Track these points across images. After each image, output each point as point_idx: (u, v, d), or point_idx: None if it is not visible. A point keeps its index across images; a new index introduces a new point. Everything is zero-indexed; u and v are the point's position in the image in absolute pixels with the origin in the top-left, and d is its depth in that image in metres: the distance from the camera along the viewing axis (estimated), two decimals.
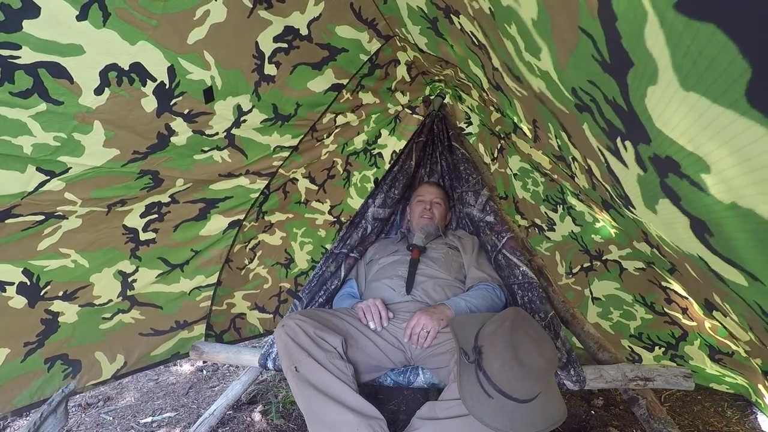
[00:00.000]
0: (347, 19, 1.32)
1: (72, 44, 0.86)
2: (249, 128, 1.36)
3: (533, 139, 1.30)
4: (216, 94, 1.16)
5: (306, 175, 1.86)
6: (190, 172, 1.32)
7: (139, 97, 1.03)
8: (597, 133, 0.62)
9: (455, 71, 1.57)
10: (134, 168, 1.17)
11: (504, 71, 1.01)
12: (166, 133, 1.15)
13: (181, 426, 1.71)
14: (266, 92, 1.29)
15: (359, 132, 1.92)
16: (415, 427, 1.03)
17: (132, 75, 0.98)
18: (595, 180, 0.86)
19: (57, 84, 0.89)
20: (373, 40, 1.46)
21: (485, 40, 0.97)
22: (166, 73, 1.03)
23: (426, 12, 1.25)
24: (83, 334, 1.39)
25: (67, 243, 1.22)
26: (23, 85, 0.86)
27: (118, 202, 1.24)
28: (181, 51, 1.02)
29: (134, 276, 1.44)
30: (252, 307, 1.97)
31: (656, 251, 1.04)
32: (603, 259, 1.95)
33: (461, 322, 1.14)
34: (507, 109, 1.38)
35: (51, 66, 0.87)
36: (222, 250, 1.68)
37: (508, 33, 0.71)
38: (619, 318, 1.97)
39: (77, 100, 0.94)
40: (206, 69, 1.09)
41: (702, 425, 1.67)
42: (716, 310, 1.05)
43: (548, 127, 1.01)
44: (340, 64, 1.44)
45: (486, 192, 1.74)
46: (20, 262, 1.16)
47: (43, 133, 0.95)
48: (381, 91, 1.75)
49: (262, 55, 1.20)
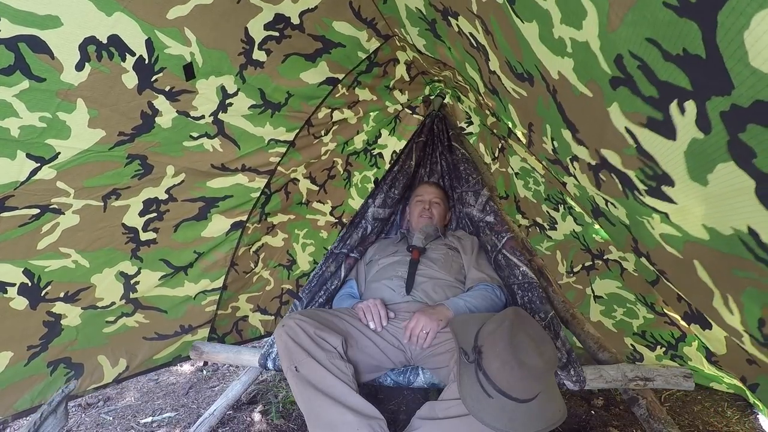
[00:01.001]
0: (345, 15, 1.32)
1: (49, 15, 0.86)
2: (237, 115, 1.36)
3: (527, 144, 1.30)
4: (197, 71, 1.16)
5: (307, 175, 1.86)
6: (180, 159, 1.32)
7: (119, 73, 1.02)
8: (634, 109, 0.60)
9: (453, 73, 1.57)
10: (122, 152, 1.16)
11: (503, 72, 1.00)
12: (150, 112, 1.15)
13: (181, 426, 1.71)
14: (252, 76, 1.29)
15: (359, 131, 1.92)
16: (415, 427, 1.03)
17: (111, 49, 0.97)
18: (603, 176, 0.85)
19: (38, 60, 0.89)
20: (372, 39, 1.46)
21: (486, 39, 0.97)
22: (144, 46, 1.02)
23: (425, 14, 1.25)
24: (87, 337, 1.39)
25: (66, 242, 1.22)
26: (5, 61, 0.85)
27: (112, 193, 1.23)
28: (158, 24, 1.01)
29: (136, 278, 1.43)
30: (254, 309, 1.97)
31: (645, 260, 1.02)
32: (604, 258, 1.95)
33: (461, 322, 1.14)
34: (502, 114, 1.38)
35: (30, 40, 0.86)
36: (227, 254, 1.67)
37: (536, 11, 0.68)
38: (622, 316, 1.97)
39: (59, 76, 0.94)
40: (186, 45, 1.09)
41: (702, 425, 1.67)
42: (695, 323, 1.05)
43: (545, 129, 1.00)
44: (335, 58, 1.44)
45: (486, 192, 1.74)
46: (20, 261, 1.15)
47: (29, 113, 0.94)
48: (378, 89, 1.75)
49: (251, 40, 1.21)
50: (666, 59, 0.48)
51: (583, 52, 0.63)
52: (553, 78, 0.78)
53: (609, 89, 0.62)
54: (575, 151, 0.90)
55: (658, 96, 0.53)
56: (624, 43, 0.53)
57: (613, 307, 2.00)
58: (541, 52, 0.76)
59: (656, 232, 0.80)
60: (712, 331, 0.99)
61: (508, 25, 0.80)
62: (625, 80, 0.57)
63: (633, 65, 0.54)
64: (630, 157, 0.69)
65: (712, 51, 0.42)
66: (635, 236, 0.95)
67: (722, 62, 0.42)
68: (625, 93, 0.59)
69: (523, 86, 0.97)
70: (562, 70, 0.73)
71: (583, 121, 0.78)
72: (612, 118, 0.66)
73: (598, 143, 0.76)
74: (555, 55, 0.72)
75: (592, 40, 0.59)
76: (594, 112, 0.70)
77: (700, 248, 0.68)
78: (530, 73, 0.87)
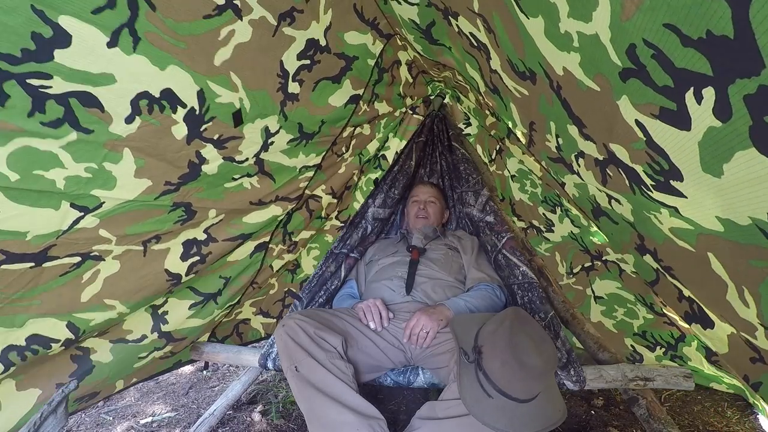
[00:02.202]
0: (352, 23, 1.30)
1: (104, 73, 0.84)
2: (276, 151, 1.33)
3: (527, 144, 1.29)
4: (244, 116, 1.13)
5: (328, 191, 1.82)
6: (221, 201, 1.29)
7: (169, 125, 1.00)
8: (645, 100, 0.59)
9: (453, 73, 1.57)
10: (167, 201, 1.13)
11: (504, 71, 1.00)
12: (197, 161, 1.12)
13: (181, 426, 1.71)
14: (292, 111, 1.26)
15: (372, 139, 1.91)
16: (415, 427, 1.03)
17: (163, 102, 0.95)
18: (611, 171, 0.85)
19: (88, 113, 0.86)
20: (377, 42, 1.46)
21: (487, 38, 0.97)
22: (195, 97, 1.00)
23: (418, 23, 1.24)
24: (117, 373, 1.34)
25: (111, 292, 1.17)
26: (54, 114, 0.83)
27: (153, 238, 1.19)
28: (209, 73, 0.99)
29: (164, 308, 1.38)
30: (257, 312, 1.95)
31: (650, 257, 1.02)
32: (603, 259, 1.95)
33: (461, 322, 1.14)
34: (502, 114, 1.38)
35: (82, 95, 0.84)
36: (251, 276, 1.62)
37: (542, 5, 0.67)
38: (623, 316, 1.97)
39: (107, 128, 0.91)
40: (234, 91, 1.06)
41: (702, 425, 1.67)
42: (696, 323, 1.05)
43: (548, 126, 1.00)
44: (355, 72, 1.42)
45: (486, 192, 1.74)
46: (65, 315, 1.11)
47: (74, 164, 0.91)
48: (393, 99, 1.74)
49: (286, 73, 1.17)
50: (685, 45, 0.47)
51: (592, 46, 0.63)
52: (557, 74, 0.78)
53: (618, 82, 0.62)
54: (582, 147, 0.89)
55: (673, 85, 0.53)
56: (638, 32, 0.52)
57: (613, 308, 2.00)
58: (546, 48, 0.76)
59: (665, 226, 0.79)
60: (714, 330, 0.99)
61: (512, 22, 0.80)
62: (637, 71, 0.57)
63: (647, 54, 0.53)
64: (638, 151, 0.69)
65: (743, 29, 0.41)
66: (641, 233, 0.95)
67: (754, 40, 0.41)
68: (636, 85, 0.59)
69: (524, 85, 0.96)
70: (568, 65, 0.72)
71: (591, 116, 0.77)
72: (622, 111, 0.65)
73: (607, 138, 0.76)
74: (560, 51, 0.72)
75: (603, 32, 0.58)
76: (602, 107, 0.70)
77: (715, 240, 0.68)
78: (533, 70, 0.87)
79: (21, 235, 0.92)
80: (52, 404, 1.22)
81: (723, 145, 0.52)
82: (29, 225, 0.92)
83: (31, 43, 0.73)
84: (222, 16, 0.94)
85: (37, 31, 0.73)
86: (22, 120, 0.80)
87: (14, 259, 0.94)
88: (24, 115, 0.79)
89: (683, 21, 0.46)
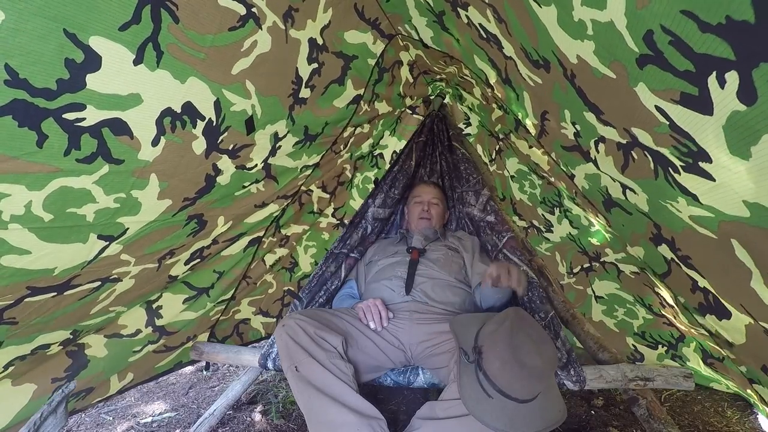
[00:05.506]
0: (353, 22, 1.30)
1: (132, 94, 0.82)
2: (283, 154, 1.34)
3: (538, 135, 1.28)
4: (256, 123, 1.13)
5: (320, 185, 1.84)
6: (229, 208, 1.29)
7: (190, 141, 0.98)
8: (664, 86, 0.59)
9: (459, 67, 1.56)
10: (183, 216, 1.13)
11: (519, 57, 0.99)
12: (213, 173, 1.11)
13: (181, 426, 1.71)
14: (299, 115, 1.27)
15: (369, 137, 1.93)
16: (415, 427, 1.03)
17: (184, 117, 0.93)
18: (635, 154, 0.83)
19: (118, 141, 0.84)
20: (378, 41, 1.46)
21: (498, 28, 0.96)
22: (213, 108, 0.99)
23: (432, 5, 1.24)
24: (112, 368, 1.35)
25: (118, 302, 1.19)
26: (88, 149, 0.80)
27: (168, 254, 1.21)
28: (225, 82, 0.98)
29: (158, 302, 1.39)
30: (256, 312, 1.95)
31: (666, 247, 1.00)
32: (601, 260, 1.95)
33: (461, 322, 1.14)
34: (513, 104, 1.37)
35: (113, 123, 0.82)
36: (243, 269, 1.65)
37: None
38: (623, 316, 1.97)
39: (137, 155, 0.89)
40: (247, 98, 1.06)
41: (702, 425, 1.67)
42: (710, 313, 1.04)
43: (563, 114, 0.98)
44: (355, 72, 1.42)
45: (486, 192, 1.74)
46: (71, 326, 1.12)
47: (105, 197, 0.89)
48: (393, 99, 1.74)
49: (300, 80, 1.18)
50: (704, 31, 0.47)
51: (606, 33, 0.62)
52: (571, 62, 0.77)
53: (635, 68, 0.61)
54: (602, 132, 0.88)
55: (694, 70, 0.52)
56: (655, 18, 0.52)
57: (614, 307, 2.00)
58: (559, 37, 0.75)
59: (684, 214, 0.78)
60: (731, 321, 0.96)
61: (524, 11, 0.80)
62: (655, 58, 0.56)
63: (664, 41, 0.52)
64: (662, 135, 0.68)
65: (764, 13, 0.41)
66: (657, 222, 0.93)
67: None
68: (653, 71, 0.58)
69: (538, 73, 0.95)
70: (582, 53, 0.72)
71: (607, 102, 0.77)
72: (640, 96, 0.65)
73: (628, 122, 0.75)
74: (574, 39, 0.71)
75: (618, 19, 0.58)
76: (619, 93, 0.69)
77: (739, 226, 0.67)
78: (546, 59, 0.86)
79: (49, 271, 0.91)
80: (52, 404, 1.22)
81: (748, 129, 0.51)
82: (57, 261, 0.91)
83: (65, 71, 0.70)
84: (245, 27, 0.93)
85: (70, 57, 0.69)
86: (58, 160, 0.77)
87: (38, 293, 0.93)
88: (61, 154, 0.77)
89: (701, 7, 0.46)
